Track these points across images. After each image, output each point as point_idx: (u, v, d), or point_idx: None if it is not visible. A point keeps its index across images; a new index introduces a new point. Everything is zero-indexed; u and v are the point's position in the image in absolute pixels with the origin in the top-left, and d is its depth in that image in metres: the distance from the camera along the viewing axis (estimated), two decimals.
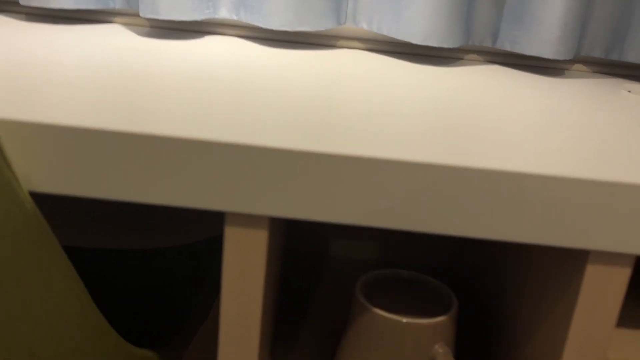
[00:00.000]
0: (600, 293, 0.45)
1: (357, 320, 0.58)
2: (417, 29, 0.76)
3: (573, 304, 0.46)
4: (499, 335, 0.64)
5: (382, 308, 0.57)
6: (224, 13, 0.82)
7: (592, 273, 0.45)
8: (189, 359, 0.85)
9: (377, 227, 0.57)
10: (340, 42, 0.86)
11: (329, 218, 0.43)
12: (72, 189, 0.43)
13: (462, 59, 0.87)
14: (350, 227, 0.89)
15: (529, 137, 0.50)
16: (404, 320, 0.55)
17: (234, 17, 0.81)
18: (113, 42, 0.72)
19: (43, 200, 0.46)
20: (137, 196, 0.43)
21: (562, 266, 0.49)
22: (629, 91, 0.74)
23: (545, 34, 0.77)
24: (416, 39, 0.76)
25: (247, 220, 0.44)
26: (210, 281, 0.75)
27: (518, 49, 0.80)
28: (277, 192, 0.43)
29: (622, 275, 0.45)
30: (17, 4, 0.85)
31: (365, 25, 0.82)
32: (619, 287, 0.45)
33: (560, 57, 0.77)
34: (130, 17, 0.85)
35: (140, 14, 0.76)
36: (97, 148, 0.42)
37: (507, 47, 0.82)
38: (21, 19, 0.81)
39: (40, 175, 0.43)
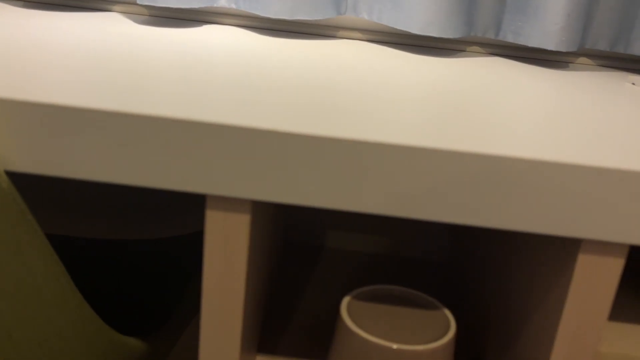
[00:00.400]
0: (592, 284, 0.44)
1: (343, 343, 0.52)
2: (418, 19, 0.75)
3: (564, 296, 0.45)
4: (489, 326, 0.63)
5: (370, 330, 0.51)
6: (223, 2, 0.81)
7: (584, 263, 0.43)
8: (182, 349, 0.84)
9: (365, 213, 0.55)
10: (341, 33, 0.85)
11: (313, 202, 0.42)
12: (50, 169, 0.42)
13: (464, 50, 0.85)
14: (348, 219, 0.88)
15: (526, 126, 0.48)
16: (395, 346, 0.49)
17: (233, 6, 0.81)
18: (109, 28, 0.72)
19: (31, 189, 0.45)
20: (116, 177, 0.42)
21: (553, 256, 0.48)
22: (633, 84, 0.73)
23: (548, 25, 0.75)
24: (416, 29, 0.75)
25: (229, 203, 0.43)
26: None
27: (521, 41, 0.79)
28: (259, 174, 0.41)
29: (615, 266, 0.43)
30: None
31: (366, 15, 0.81)
32: (611, 279, 0.43)
33: (564, 49, 0.75)
34: (128, 5, 0.85)
35: (138, 1, 0.75)
36: (76, 127, 0.41)
37: (510, 38, 0.80)
38: (19, 6, 0.80)
39: (17, 154, 0.42)
